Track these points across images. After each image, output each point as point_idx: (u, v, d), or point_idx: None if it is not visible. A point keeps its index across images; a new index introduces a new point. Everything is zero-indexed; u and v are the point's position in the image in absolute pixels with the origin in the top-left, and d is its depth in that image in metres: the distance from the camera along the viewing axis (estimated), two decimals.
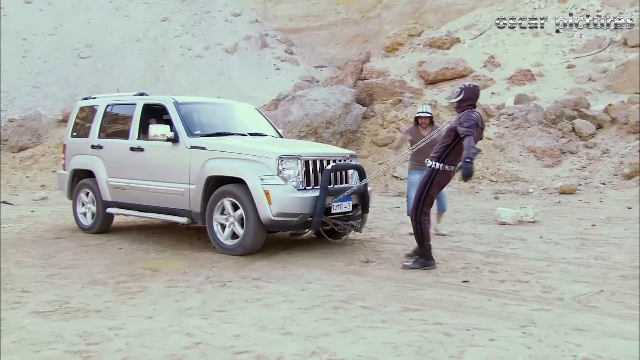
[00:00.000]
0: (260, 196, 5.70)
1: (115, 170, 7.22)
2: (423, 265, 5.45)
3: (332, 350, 3.34)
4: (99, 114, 7.65)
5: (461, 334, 3.62)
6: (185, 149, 6.37)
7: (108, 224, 7.63)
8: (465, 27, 24.78)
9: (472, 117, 5.20)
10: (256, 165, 5.86)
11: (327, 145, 8.47)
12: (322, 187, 5.86)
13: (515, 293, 4.61)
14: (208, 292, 4.73)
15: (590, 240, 6.91)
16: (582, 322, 3.87)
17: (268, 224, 5.80)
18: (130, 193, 7.02)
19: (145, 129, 6.99)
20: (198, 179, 6.21)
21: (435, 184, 5.43)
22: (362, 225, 6.54)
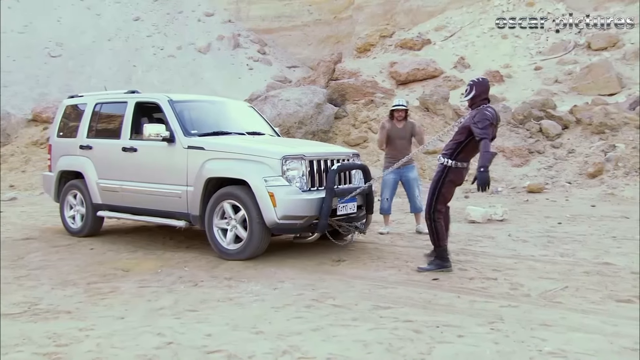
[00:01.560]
0: (264, 198, 5.46)
1: (106, 171, 6.94)
2: (439, 267, 5.28)
3: (303, 349, 3.37)
4: (87, 113, 7.35)
5: (431, 331, 3.68)
6: (182, 149, 6.11)
7: (98, 227, 7.35)
8: (435, 28, 25.09)
9: (487, 115, 5.03)
10: (259, 166, 5.61)
11: (330, 145, 8.27)
12: (329, 188, 5.64)
13: (483, 290, 4.70)
14: (180, 291, 4.72)
15: (556, 237, 7.07)
16: (547, 318, 3.97)
17: (273, 227, 5.57)
18: (122, 195, 6.75)
19: (137, 129, 6.76)
20: (196, 180, 5.94)
21: (448, 181, 5.26)
22: (366, 227, 6.37)
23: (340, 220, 5.94)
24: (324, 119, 15.15)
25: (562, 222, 8.29)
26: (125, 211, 6.85)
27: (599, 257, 5.96)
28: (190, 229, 7.33)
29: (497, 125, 5.29)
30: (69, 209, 7.45)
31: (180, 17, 31.62)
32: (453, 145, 5.27)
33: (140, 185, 6.50)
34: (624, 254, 6.08)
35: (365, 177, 6.22)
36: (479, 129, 4.95)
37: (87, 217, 7.17)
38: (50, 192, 7.82)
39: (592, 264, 5.63)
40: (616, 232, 7.42)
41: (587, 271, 5.34)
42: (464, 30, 24.19)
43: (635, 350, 3.36)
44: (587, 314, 4.08)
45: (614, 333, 3.65)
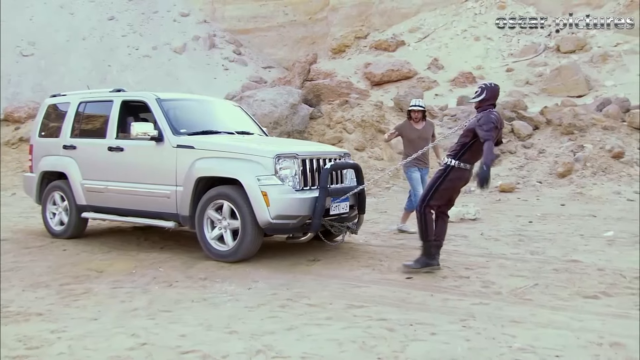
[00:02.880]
0: (257, 198, 5.36)
1: (91, 171, 6.76)
2: (424, 265, 5.26)
3: (277, 348, 3.38)
4: (71, 112, 7.17)
5: (404, 329, 3.73)
6: (171, 148, 5.98)
7: (82, 229, 7.18)
8: (410, 30, 25.30)
9: (492, 118, 5.06)
10: (251, 165, 5.52)
11: (321, 144, 8.18)
12: (322, 187, 5.58)
13: (456, 288, 4.77)
14: (154, 292, 4.70)
15: (527, 236, 7.21)
16: (517, 315, 4.05)
17: (266, 227, 5.49)
18: (108, 196, 6.58)
19: (123, 128, 6.63)
20: (186, 180, 5.82)
21: (448, 180, 5.25)
22: (358, 227, 6.29)
23: (333, 220, 5.88)
24: (299, 120, 15.17)
25: (532, 221, 8.45)
26: (111, 212, 6.68)
27: (568, 254, 6.10)
28: (164, 231, 7.30)
29: (501, 129, 5.32)
30: (51, 210, 7.28)
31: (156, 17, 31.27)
32: (457, 147, 5.27)
33: (127, 185, 6.36)
34: (591, 252, 6.23)
35: (358, 177, 6.18)
36: (484, 131, 4.98)
37: (70, 218, 7.01)
38: (31, 194, 7.61)
39: (561, 262, 5.76)
40: (584, 231, 7.60)
41: (556, 269, 5.46)
42: (438, 32, 24.45)
43: (600, 345, 3.46)
44: (556, 310, 4.18)
45: (581, 328, 3.76)
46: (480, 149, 5.08)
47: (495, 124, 5.06)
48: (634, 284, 4.90)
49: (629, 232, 7.38)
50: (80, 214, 6.92)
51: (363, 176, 6.25)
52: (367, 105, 15.64)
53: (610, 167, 12.26)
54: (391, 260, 5.82)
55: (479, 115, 5.16)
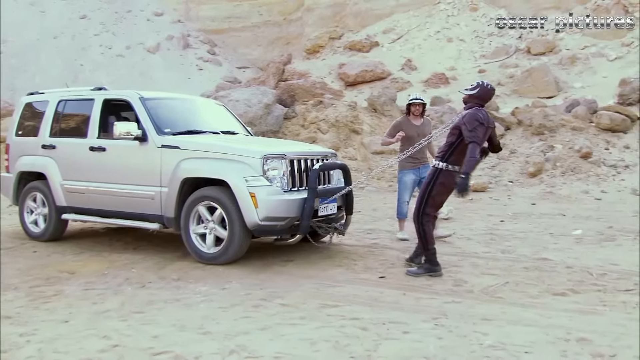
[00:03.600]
0: (245, 199, 5.27)
1: (71, 172, 6.58)
2: (428, 271, 5.18)
3: (251, 348, 3.38)
4: (50, 110, 6.96)
5: (377, 328, 3.76)
6: (155, 148, 5.84)
7: (61, 231, 6.98)
8: (383, 31, 25.43)
9: (478, 116, 4.96)
10: (239, 166, 5.41)
11: (308, 144, 8.07)
12: (311, 188, 5.48)
13: (428, 287, 4.82)
14: (127, 293, 4.66)
15: (498, 235, 7.32)
16: (489, 312, 4.12)
17: (254, 229, 5.40)
18: (89, 197, 6.40)
19: (105, 127, 6.47)
20: (171, 181, 5.70)
21: (439, 184, 5.15)
22: (345, 228, 6.20)
23: (320, 221, 5.80)
24: (273, 120, 15.16)
25: (504, 220, 8.58)
26: (92, 214, 6.50)
27: (538, 253, 6.21)
28: (137, 231, 7.22)
29: (493, 128, 5.23)
30: (29, 212, 7.07)
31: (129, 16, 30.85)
32: (445, 148, 5.21)
33: (110, 186, 6.20)
34: (560, 250, 6.36)
35: (345, 177, 6.14)
36: (468, 131, 4.90)
37: (49, 220, 6.82)
38: (8, 194, 7.37)
39: (531, 260, 5.86)
40: (553, 229, 7.75)
41: (527, 267, 5.56)
42: (411, 33, 24.63)
43: (567, 341, 3.54)
44: (526, 307, 4.26)
45: (549, 325, 3.84)
46: (465, 148, 5.01)
47: (481, 122, 4.95)
48: (600, 280, 5.02)
49: (596, 231, 7.56)
50: (59, 216, 6.74)
51: (351, 177, 6.21)
52: (341, 106, 15.69)
53: (579, 167, 12.51)
54: (365, 259, 5.85)
55: (464, 112, 5.10)
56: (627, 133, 13.76)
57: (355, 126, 15.01)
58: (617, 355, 3.32)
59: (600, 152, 13.03)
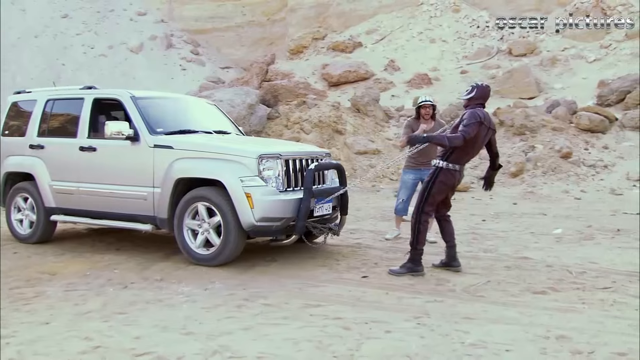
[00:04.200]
0: (241, 200, 5.19)
1: (60, 172, 6.43)
2: (410, 271, 5.18)
3: (233, 348, 3.38)
4: (38, 109, 6.81)
5: (360, 327, 3.77)
6: (148, 148, 5.73)
7: (50, 232, 6.82)
8: (367, 32, 25.51)
9: (476, 114, 5.03)
10: (234, 166, 5.33)
11: (302, 144, 7.94)
12: (307, 188, 5.42)
13: (411, 286, 4.84)
14: (109, 294, 4.62)
15: (480, 234, 7.38)
16: (470, 311, 4.15)
17: (250, 230, 5.32)
18: (79, 198, 6.26)
19: (95, 127, 6.35)
20: (164, 181, 5.60)
21: (439, 182, 5.17)
22: (340, 228, 6.12)
23: (315, 222, 5.72)
24: (257, 120, 15.14)
25: (486, 220, 8.66)
26: (82, 215, 6.35)
27: (519, 252, 6.29)
28: (120, 232, 7.15)
29: (492, 129, 5.26)
30: (16, 213, 6.88)
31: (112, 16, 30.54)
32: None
33: (101, 187, 6.07)
34: (541, 249, 6.44)
35: (340, 177, 6.10)
36: (463, 125, 4.99)
37: (38, 222, 6.65)
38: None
39: (513, 259, 5.93)
40: (534, 228, 7.85)
41: (508, 266, 5.62)
42: (394, 34, 24.74)
43: (547, 338, 3.58)
44: (507, 306, 4.31)
45: (529, 323, 3.88)
46: (469, 149, 5.11)
47: (479, 120, 5.02)
48: (579, 279, 5.09)
49: (575, 230, 7.67)
50: (48, 217, 6.59)
51: (345, 177, 6.17)
52: (324, 106, 15.72)
53: (559, 167, 12.68)
54: (348, 259, 5.86)
55: (465, 112, 5.15)
56: (606, 134, 13.98)
57: (338, 126, 15.04)
58: (595, 352, 3.37)
59: (580, 152, 13.22)
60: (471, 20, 24.19)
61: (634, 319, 4.00)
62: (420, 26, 24.71)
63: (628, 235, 7.28)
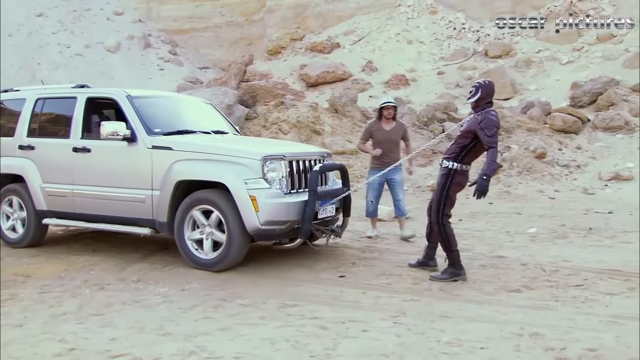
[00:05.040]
0: (245, 203, 5.02)
1: (52, 174, 6.19)
2: (452, 276, 5.04)
3: (210, 349, 3.37)
4: (27, 109, 6.54)
5: (337, 326, 3.79)
6: (146, 149, 5.54)
7: (41, 236, 6.56)
8: (345, 33, 25.58)
9: (494, 121, 4.90)
10: (237, 167, 5.15)
11: (304, 144, 7.69)
12: (312, 190, 5.27)
13: (388, 286, 4.88)
14: (85, 296, 4.57)
15: (456, 234, 7.34)
16: (446, 310, 4.20)
17: (254, 234, 5.17)
18: (73, 201, 6.03)
19: (89, 127, 6.17)
20: (164, 184, 5.41)
21: (455, 184, 5.12)
22: (342, 230, 6.07)
23: (318, 224, 5.57)
24: (235, 120, 15.05)
25: (462, 219, 8.73)
26: (76, 218, 6.14)
27: (494, 251, 6.37)
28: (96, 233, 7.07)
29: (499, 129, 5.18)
30: (4, 217, 6.61)
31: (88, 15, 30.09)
32: (457, 149, 5.12)
33: (96, 189, 5.86)
34: (516, 248, 6.54)
35: (343, 178, 6.02)
36: (487, 136, 4.84)
37: (28, 225, 6.39)
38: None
39: (488, 258, 6.01)
40: (510, 228, 7.96)
41: (484, 264, 5.70)
42: (372, 35, 24.85)
43: (521, 335, 3.64)
44: (482, 304, 4.37)
45: (504, 321, 3.94)
46: (480, 150, 5.05)
47: (498, 126, 4.95)
48: (552, 277, 5.18)
49: (549, 229, 7.79)
50: (40, 220, 6.34)
51: (349, 178, 6.10)
52: (302, 107, 15.73)
53: (534, 167, 12.87)
54: (325, 259, 5.87)
55: (479, 117, 4.98)
56: (579, 134, 14.25)
57: (316, 127, 15.06)
58: (567, 349, 3.44)
59: (554, 153, 13.43)
60: (448, 22, 24.43)
61: (604, 315, 4.09)
62: (398, 27, 24.86)
63: (600, 234, 7.43)
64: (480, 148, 5.05)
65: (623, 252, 6.31)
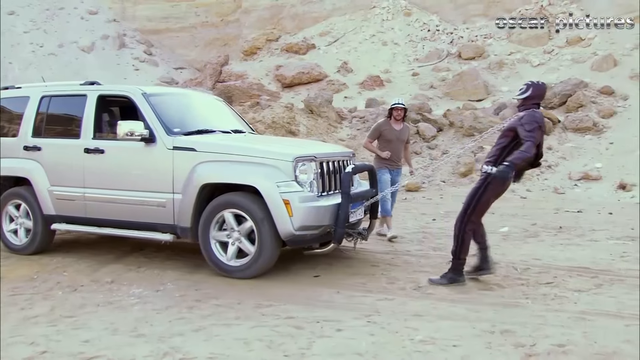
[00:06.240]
0: (279, 207, 4.74)
1: (61, 177, 5.83)
2: (451, 281, 4.90)
3: (185, 350, 3.37)
4: (32, 107, 6.16)
5: (311, 326, 3.81)
6: (166, 150, 5.22)
7: (49, 242, 6.18)
8: (320, 34, 25.65)
9: (536, 118, 4.74)
10: (268, 169, 4.88)
11: (330, 144, 7.37)
12: (345, 193, 5.04)
13: (362, 285, 4.91)
14: (57, 297, 4.52)
15: (430, 233, 7.53)
16: (420, 308, 4.24)
17: (288, 240, 4.91)
18: (85, 205, 5.69)
19: (100, 126, 5.90)
20: (186, 187, 5.10)
21: (490, 190, 4.86)
22: (369, 233, 5.84)
23: (348, 227, 5.31)
24: None
25: (436, 219, 8.83)
26: (88, 223, 5.76)
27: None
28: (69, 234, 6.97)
29: (544, 129, 4.97)
30: (8, 221, 6.22)
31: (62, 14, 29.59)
32: (496, 152, 4.91)
33: (110, 193, 5.52)
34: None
35: (372, 180, 5.91)
36: (526, 131, 4.66)
37: (35, 230, 6.01)
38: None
39: None
40: None
41: None
42: (347, 36, 24.97)
43: (492, 333, 3.71)
44: (455, 302, 4.42)
45: (477, 318, 4.01)
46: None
47: (539, 124, 4.76)
48: (523, 275, 5.28)
49: (521, 228, 7.93)
50: (47, 226, 5.98)
51: (377, 179, 5.98)
52: (277, 107, 15.72)
53: None
54: (300, 259, 5.88)
55: (521, 114, 4.84)
56: (550, 135, 14.50)
57: (292, 127, 15.07)
58: (537, 345, 3.51)
59: None
60: (422, 24, 24.65)
61: (572, 312, 4.19)
62: (373, 29, 25.01)
63: (569, 232, 7.59)
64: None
65: (591, 250, 6.47)
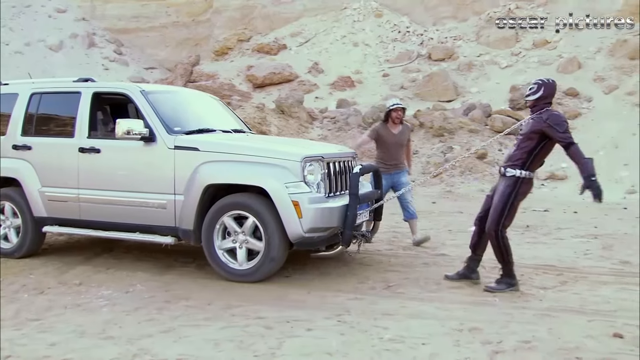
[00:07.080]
0: (288, 209, 4.65)
1: (54, 177, 5.65)
2: (508, 286, 4.79)
3: (153, 351, 3.34)
4: (21, 105, 5.96)
5: (281, 326, 3.81)
6: (167, 149, 5.08)
7: (39, 245, 6.02)
8: (291, 34, 25.61)
9: (561, 117, 4.62)
10: (275, 170, 4.77)
11: (334, 144, 7.35)
12: (353, 194, 4.93)
13: (333, 286, 4.92)
14: (23, 300, 4.44)
15: (400, 233, 7.59)
16: (389, 308, 4.28)
17: (297, 242, 4.82)
18: (79, 206, 5.52)
19: (95, 125, 5.72)
20: (189, 188, 4.96)
21: (521, 194, 4.76)
22: (372, 234, 5.82)
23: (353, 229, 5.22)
24: None
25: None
26: (82, 225, 5.60)
27: (437, 249, 6.54)
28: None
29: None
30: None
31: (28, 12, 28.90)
32: (523, 155, 4.75)
33: (107, 194, 5.36)
34: (458, 246, 6.71)
35: (376, 181, 5.87)
36: (561, 132, 4.53)
37: (25, 233, 5.83)
38: None
39: (431, 256, 6.16)
40: (452, 226, 8.18)
41: (426, 262, 5.84)
42: (318, 37, 24.98)
43: (460, 331, 3.76)
44: (424, 301, 4.48)
45: (446, 317, 4.06)
46: (547, 153, 4.79)
47: (567, 122, 4.66)
48: (491, 273, 5.35)
49: None
50: (38, 228, 5.80)
51: (382, 180, 5.95)
52: (249, 107, 15.68)
53: (476, 167, 13.27)
54: None
55: (544, 115, 4.66)
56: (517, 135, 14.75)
57: (263, 127, 15.03)
58: (503, 342, 3.58)
59: (495, 153, 13.89)
60: (393, 25, 24.81)
61: (538, 309, 4.28)
62: (344, 30, 25.08)
63: (536, 231, 7.75)
64: (547, 150, 4.76)
65: (557, 248, 6.62)
